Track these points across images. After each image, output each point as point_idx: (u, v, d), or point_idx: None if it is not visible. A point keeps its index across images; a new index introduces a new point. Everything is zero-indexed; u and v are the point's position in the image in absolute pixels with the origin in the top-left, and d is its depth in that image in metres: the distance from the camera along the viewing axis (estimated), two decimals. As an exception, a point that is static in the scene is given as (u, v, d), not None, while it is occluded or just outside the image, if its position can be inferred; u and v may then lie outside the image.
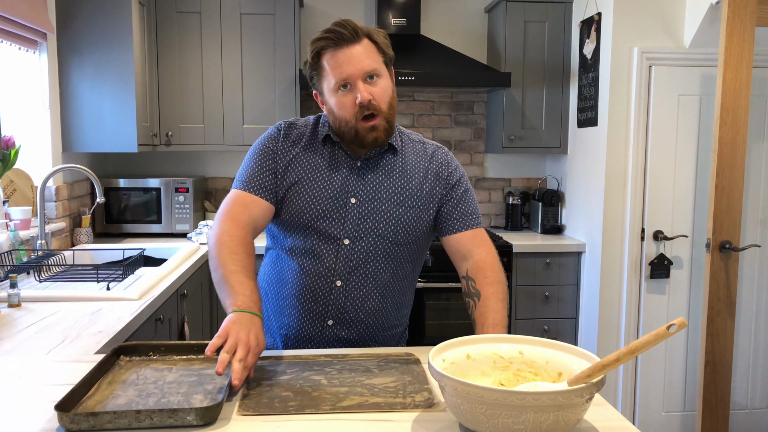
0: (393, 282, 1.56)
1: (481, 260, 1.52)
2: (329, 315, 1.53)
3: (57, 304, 1.91)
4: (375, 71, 1.44)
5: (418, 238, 1.56)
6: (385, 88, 1.47)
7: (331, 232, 1.50)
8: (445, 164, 1.59)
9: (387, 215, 1.52)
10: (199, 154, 3.74)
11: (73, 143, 3.03)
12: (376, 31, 1.48)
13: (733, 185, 2.68)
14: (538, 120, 3.55)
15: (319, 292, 1.52)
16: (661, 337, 0.95)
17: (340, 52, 1.43)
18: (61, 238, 2.95)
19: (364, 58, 1.43)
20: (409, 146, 1.60)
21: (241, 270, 1.35)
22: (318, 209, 1.50)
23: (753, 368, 3.23)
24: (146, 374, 1.25)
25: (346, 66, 1.42)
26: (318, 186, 1.52)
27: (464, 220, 1.56)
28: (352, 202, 1.51)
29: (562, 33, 3.50)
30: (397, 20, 3.53)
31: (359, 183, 1.53)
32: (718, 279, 2.73)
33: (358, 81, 1.43)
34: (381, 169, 1.54)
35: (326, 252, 1.51)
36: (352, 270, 1.51)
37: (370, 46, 1.45)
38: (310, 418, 1.09)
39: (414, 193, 1.54)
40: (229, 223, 1.44)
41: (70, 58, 2.98)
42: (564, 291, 3.39)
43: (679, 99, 3.09)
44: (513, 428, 0.95)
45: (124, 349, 1.34)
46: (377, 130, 1.47)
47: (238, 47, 3.36)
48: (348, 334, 1.55)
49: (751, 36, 2.61)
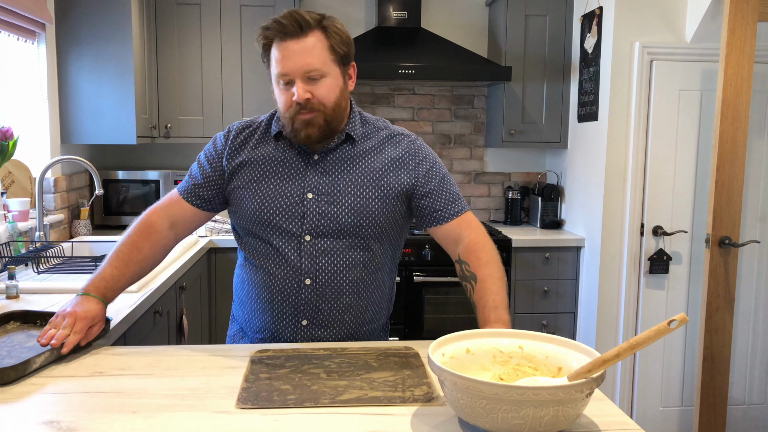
0: (366, 276, 1.51)
1: (472, 242, 1.47)
2: (302, 315, 1.48)
3: (55, 296, 1.90)
4: (317, 71, 1.38)
5: (386, 230, 1.50)
6: (329, 87, 1.41)
7: (290, 229, 1.46)
8: (411, 153, 1.52)
9: (347, 209, 1.46)
10: (198, 147, 3.73)
11: (71, 135, 3.02)
12: (335, 27, 1.42)
13: (733, 181, 2.68)
14: (538, 114, 3.54)
15: (288, 292, 1.48)
16: (662, 332, 0.94)
17: (284, 45, 1.38)
18: (59, 230, 2.94)
19: (304, 56, 1.37)
20: (373, 135, 1.53)
21: (113, 259, 1.47)
22: (274, 206, 1.46)
23: (751, 364, 3.23)
24: (15, 338, 1.41)
25: (287, 61, 1.38)
26: (272, 183, 1.47)
27: (447, 209, 1.50)
28: (308, 197, 1.46)
29: (563, 27, 3.49)
30: (397, 13, 3.51)
31: (316, 177, 1.47)
32: (717, 275, 2.73)
33: (297, 78, 1.39)
34: (339, 160, 1.48)
35: (289, 250, 1.46)
36: (319, 267, 1.46)
37: (319, 43, 1.39)
38: (309, 412, 1.09)
39: (375, 183, 1.47)
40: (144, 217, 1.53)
41: (69, 49, 2.97)
42: (563, 286, 3.39)
43: (679, 94, 3.08)
44: (512, 423, 0.95)
45: (16, 315, 1.54)
46: (313, 126, 1.41)
47: (237, 39, 3.34)
48: (324, 334, 1.50)
49: (753, 31, 2.60)
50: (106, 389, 1.18)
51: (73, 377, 1.24)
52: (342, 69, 1.45)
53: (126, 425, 1.03)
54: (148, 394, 1.16)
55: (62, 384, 1.21)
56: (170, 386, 1.20)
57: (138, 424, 1.04)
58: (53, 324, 1.34)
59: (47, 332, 1.33)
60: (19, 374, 1.23)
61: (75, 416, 1.07)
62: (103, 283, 1.43)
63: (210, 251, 3.12)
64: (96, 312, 1.38)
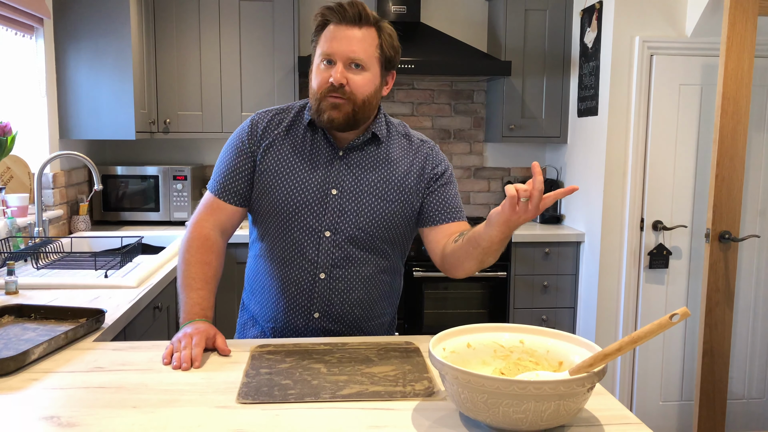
0: (377, 273, 1.54)
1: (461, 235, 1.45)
2: (315, 308, 1.51)
3: (55, 292, 1.90)
4: (360, 61, 1.41)
5: (401, 231, 1.54)
6: (366, 81, 1.43)
7: (311, 223, 1.48)
8: (430, 158, 1.55)
9: (368, 208, 1.49)
10: (197, 142, 3.73)
11: (70, 130, 3.01)
12: (389, 31, 1.46)
13: (734, 175, 2.68)
14: (538, 109, 3.53)
15: (303, 285, 1.50)
16: (664, 326, 0.94)
17: (338, 28, 1.42)
18: (58, 226, 2.93)
19: (353, 44, 1.41)
20: (395, 139, 1.56)
21: (193, 282, 1.45)
22: (298, 200, 1.48)
23: (750, 358, 3.24)
24: (11, 331, 1.41)
25: (336, 43, 1.41)
26: (298, 175, 1.49)
27: (449, 212, 1.52)
28: (333, 194, 1.48)
29: (563, 21, 3.48)
30: (397, 7, 3.50)
31: (341, 174, 1.49)
32: (716, 269, 2.73)
33: (339, 62, 1.41)
34: (364, 160, 1.51)
35: (308, 244, 1.48)
36: (335, 262, 1.49)
37: (369, 38, 1.42)
38: (309, 407, 1.09)
39: (396, 186, 1.51)
40: (192, 231, 1.52)
41: (68, 44, 2.96)
42: (563, 281, 3.39)
43: (680, 88, 3.07)
44: (514, 417, 0.95)
45: (9, 309, 1.55)
46: (338, 110, 1.42)
47: (236, 34, 3.33)
48: (335, 327, 1.53)
49: (754, 25, 2.59)
50: (107, 384, 1.18)
51: (73, 372, 1.24)
52: (382, 71, 1.48)
53: (126, 420, 1.03)
54: (149, 389, 1.16)
55: (62, 379, 1.20)
56: (171, 381, 1.20)
57: (138, 419, 1.04)
58: (175, 349, 1.32)
59: (172, 356, 1.30)
60: (19, 365, 1.23)
61: (75, 411, 1.06)
62: (197, 308, 1.42)
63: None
64: (206, 326, 1.37)
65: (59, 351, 1.35)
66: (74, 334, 1.41)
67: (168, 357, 1.30)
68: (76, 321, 1.53)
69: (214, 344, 1.36)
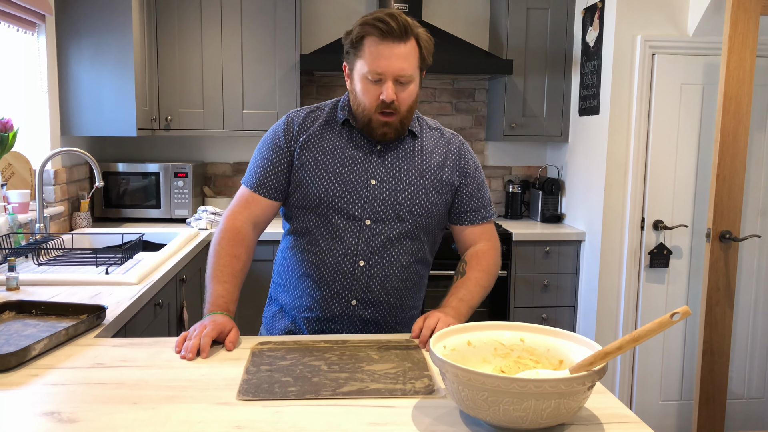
0: (412, 263, 1.59)
1: (482, 250, 1.61)
2: (353, 295, 1.55)
3: (56, 288, 1.90)
4: (407, 77, 1.46)
5: (436, 221, 1.60)
6: (411, 93, 1.50)
7: (352, 212, 1.53)
8: (462, 152, 1.63)
9: (407, 198, 1.55)
10: (199, 139, 3.73)
11: (71, 126, 3.01)
12: (426, 35, 1.49)
13: (735, 175, 2.67)
14: (539, 108, 3.53)
15: (342, 273, 1.54)
16: (665, 325, 0.94)
17: (384, 45, 1.44)
18: (59, 222, 2.94)
19: (403, 61, 1.44)
20: (427, 133, 1.63)
21: (221, 274, 1.48)
22: (339, 189, 1.53)
23: (750, 358, 3.24)
24: (12, 326, 1.42)
25: (384, 61, 1.44)
26: (338, 166, 1.54)
27: (478, 212, 1.63)
28: (372, 184, 1.54)
29: (565, 20, 3.47)
30: (398, 5, 3.49)
31: (379, 165, 1.55)
32: (717, 269, 2.73)
33: (389, 79, 1.45)
34: (400, 152, 1.57)
35: (348, 232, 1.53)
36: (374, 250, 1.54)
37: (414, 50, 1.47)
38: (310, 404, 1.09)
39: (432, 177, 1.57)
40: (226, 223, 1.55)
41: (69, 41, 2.96)
42: (563, 279, 3.39)
43: (681, 88, 3.07)
44: (514, 415, 0.95)
45: (10, 305, 1.55)
46: (389, 127, 1.50)
47: (238, 31, 3.33)
48: (371, 314, 1.56)
49: (756, 25, 2.59)
50: (107, 380, 1.18)
51: (73, 368, 1.24)
52: (421, 76, 1.53)
53: (127, 416, 1.03)
54: (149, 385, 1.16)
55: (63, 375, 1.21)
56: (171, 378, 1.20)
57: (139, 415, 1.04)
58: (187, 338, 1.35)
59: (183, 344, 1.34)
60: (20, 360, 1.23)
61: (76, 407, 1.07)
62: (221, 300, 1.45)
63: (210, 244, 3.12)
64: (225, 319, 1.39)
65: (60, 347, 1.35)
66: (75, 331, 1.41)
67: (179, 344, 1.33)
68: (77, 317, 1.53)
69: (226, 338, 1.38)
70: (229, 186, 3.77)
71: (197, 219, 3.21)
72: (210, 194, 3.64)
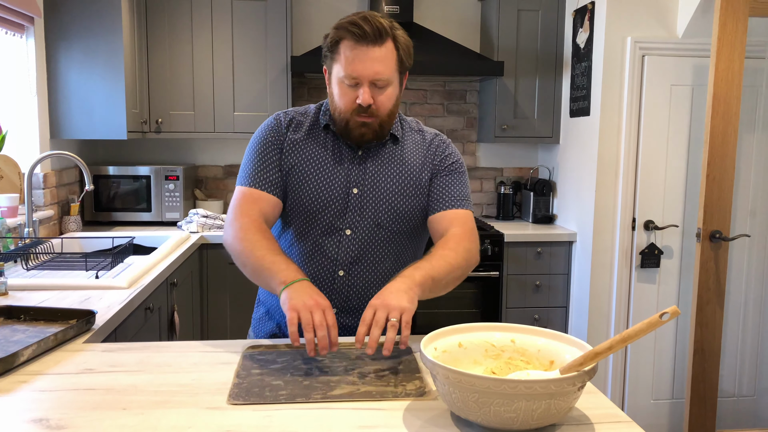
0: (395, 269, 1.55)
1: (452, 233, 1.48)
2: (333, 304, 1.52)
3: (45, 293, 1.89)
4: (386, 81, 1.43)
5: (418, 226, 1.57)
6: (390, 96, 1.46)
7: (333, 222, 1.51)
8: (440, 150, 1.59)
9: (387, 205, 1.52)
10: (190, 142, 3.71)
11: (61, 130, 2.99)
12: (403, 37, 1.46)
13: (724, 175, 2.69)
14: (530, 109, 3.54)
15: (322, 282, 1.52)
16: (654, 325, 0.94)
17: (359, 49, 1.40)
18: (49, 226, 2.92)
19: (378, 65, 1.41)
20: (409, 135, 1.60)
21: (269, 252, 1.36)
22: (321, 199, 1.51)
23: (741, 357, 3.25)
24: (0, 332, 1.41)
25: (359, 65, 1.41)
26: (322, 176, 1.51)
27: (452, 199, 1.53)
28: (354, 192, 1.51)
29: (556, 22, 3.49)
30: (389, 7, 3.50)
31: (360, 173, 1.53)
32: (707, 268, 2.74)
33: (365, 83, 1.42)
34: (381, 158, 1.54)
35: (328, 243, 1.51)
36: (354, 260, 1.52)
37: (391, 53, 1.43)
38: (301, 407, 1.09)
39: (413, 182, 1.54)
40: (241, 220, 1.45)
41: (58, 43, 2.94)
42: (555, 280, 3.40)
43: (671, 89, 3.08)
44: (505, 416, 0.95)
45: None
46: (367, 128, 1.46)
47: (229, 33, 3.32)
48: (352, 322, 1.55)
49: (744, 26, 2.60)
50: (96, 386, 1.17)
51: (62, 374, 1.23)
52: (400, 78, 1.50)
53: (116, 422, 1.02)
54: (139, 390, 1.15)
55: (51, 381, 1.20)
56: (161, 383, 1.19)
57: (128, 421, 1.03)
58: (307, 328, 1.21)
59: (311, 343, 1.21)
60: (8, 366, 1.22)
61: (64, 413, 1.06)
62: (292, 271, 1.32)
63: (201, 247, 3.11)
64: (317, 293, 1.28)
65: (49, 353, 1.34)
66: (64, 336, 1.40)
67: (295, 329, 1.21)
68: (66, 322, 1.52)
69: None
70: (220, 189, 3.76)
71: (188, 222, 3.20)
72: (201, 197, 3.63)
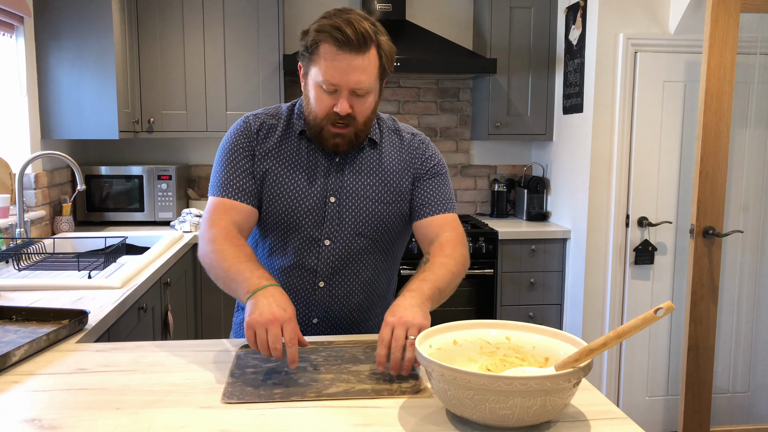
0: (375, 276, 1.53)
1: (446, 239, 1.44)
2: (314, 314, 1.50)
3: (37, 293, 1.87)
4: (366, 90, 1.37)
5: (399, 230, 1.53)
6: (369, 105, 1.40)
7: (311, 233, 1.46)
8: (420, 152, 1.53)
9: (366, 213, 1.47)
10: (182, 141, 3.70)
11: (52, 130, 2.98)
12: (387, 43, 1.38)
13: (717, 171, 2.70)
14: (523, 106, 3.54)
15: (302, 293, 1.49)
16: (649, 321, 0.94)
17: (341, 56, 1.32)
18: (40, 227, 2.90)
19: (360, 74, 1.34)
20: (387, 138, 1.53)
21: (235, 262, 1.30)
22: (298, 211, 1.45)
23: (735, 353, 3.27)
24: None
25: (340, 73, 1.33)
26: (297, 185, 1.46)
27: (438, 204, 1.49)
28: (331, 201, 1.46)
29: (548, 19, 3.49)
30: (382, 5, 3.49)
31: (338, 181, 1.47)
32: (701, 264, 2.75)
33: (345, 91, 1.35)
34: (359, 164, 1.49)
35: (307, 254, 1.47)
36: (334, 271, 1.48)
37: (374, 60, 1.36)
38: (295, 406, 1.08)
39: (393, 188, 1.49)
40: (210, 231, 1.38)
41: (48, 43, 2.92)
42: (549, 277, 3.40)
43: (663, 85, 3.09)
44: (500, 413, 0.94)
45: None
46: (342, 138, 1.41)
47: (221, 32, 3.31)
48: (333, 331, 1.52)
49: (736, 22, 2.61)
50: (89, 386, 1.16)
51: (55, 374, 1.22)
52: (380, 84, 1.43)
53: (110, 422, 1.02)
54: (132, 390, 1.14)
55: (44, 381, 1.19)
56: (155, 382, 1.18)
57: (122, 420, 1.02)
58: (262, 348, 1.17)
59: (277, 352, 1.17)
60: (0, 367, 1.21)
61: (57, 413, 1.05)
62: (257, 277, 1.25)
63: (194, 246, 3.10)
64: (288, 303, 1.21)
65: (41, 353, 1.33)
66: (56, 336, 1.39)
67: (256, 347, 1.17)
68: (58, 322, 1.51)
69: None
70: (213, 188, 3.74)
71: (181, 222, 3.19)
72: (194, 196, 3.61)
